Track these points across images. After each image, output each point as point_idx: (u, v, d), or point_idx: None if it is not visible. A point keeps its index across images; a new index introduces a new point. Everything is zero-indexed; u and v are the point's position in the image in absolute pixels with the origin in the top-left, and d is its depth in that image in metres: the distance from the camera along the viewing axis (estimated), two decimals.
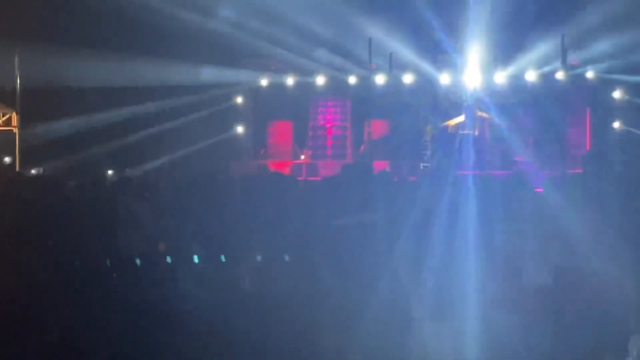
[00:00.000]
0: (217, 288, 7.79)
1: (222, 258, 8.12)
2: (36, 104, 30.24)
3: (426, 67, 32.18)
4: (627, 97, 31.55)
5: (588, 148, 32.04)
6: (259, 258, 8.56)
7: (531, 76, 31.46)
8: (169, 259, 8.57)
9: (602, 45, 30.30)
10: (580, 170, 11.31)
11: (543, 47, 30.94)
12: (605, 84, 31.56)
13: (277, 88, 33.82)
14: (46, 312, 7.38)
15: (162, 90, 32.25)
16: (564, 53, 30.66)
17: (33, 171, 26.64)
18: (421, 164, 31.92)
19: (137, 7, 27.83)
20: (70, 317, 7.36)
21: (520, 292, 8.08)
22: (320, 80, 33.20)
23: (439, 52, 32.18)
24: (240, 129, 34.65)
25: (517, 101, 31.67)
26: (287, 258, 8.42)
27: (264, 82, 33.98)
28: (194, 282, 7.90)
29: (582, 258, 7.80)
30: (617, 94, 31.66)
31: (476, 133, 31.88)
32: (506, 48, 31.89)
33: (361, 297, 7.62)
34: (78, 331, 7.12)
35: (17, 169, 27.63)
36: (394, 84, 32.29)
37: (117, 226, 9.37)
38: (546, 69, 31.44)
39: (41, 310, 7.35)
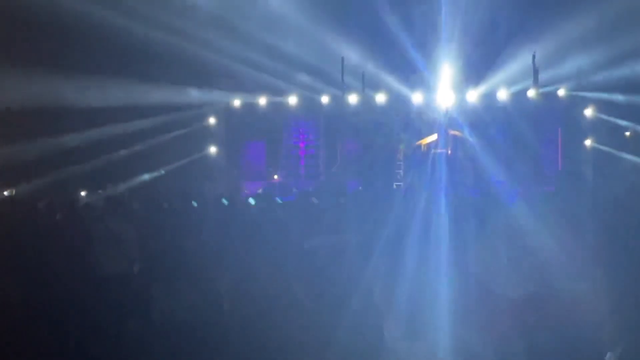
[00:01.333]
0: (193, 306, 7.76)
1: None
2: (7, 125, 30.11)
3: (399, 86, 32.27)
4: (598, 114, 31.71)
5: (560, 166, 32.18)
6: (234, 276, 8.53)
7: (503, 95, 31.60)
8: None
9: (573, 63, 30.49)
10: (553, 188, 11.37)
11: (514, 66, 31.10)
12: (576, 102, 31.72)
13: (250, 108, 33.84)
14: (20, 331, 7.35)
15: (135, 110, 32.18)
16: (535, 72, 30.81)
17: (5, 193, 26.54)
18: (394, 183, 31.97)
19: (108, 29, 27.82)
20: (44, 337, 7.33)
21: (493, 310, 8.08)
22: (292, 100, 33.26)
23: (411, 71, 32.26)
24: (213, 150, 34.61)
25: (489, 120, 31.78)
26: (261, 277, 8.40)
27: (236, 102, 33.99)
28: (170, 300, 7.86)
29: (556, 275, 7.82)
30: (588, 112, 31.81)
31: (449, 152, 31.95)
32: (478, 67, 32.02)
33: (334, 317, 7.61)
34: (52, 351, 7.09)
35: None
36: (367, 103, 32.36)
37: (90, 246, 9.34)
38: (518, 87, 31.59)
39: (15, 329, 7.31)
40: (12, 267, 8.08)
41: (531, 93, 31.29)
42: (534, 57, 30.36)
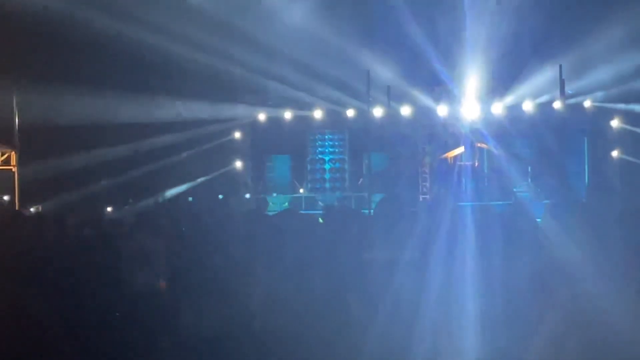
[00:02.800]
0: (222, 325, 7.75)
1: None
2: (35, 142, 30.28)
3: (424, 98, 32.28)
4: (624, 125, 31.57)
5: (587, 178, 32.05)
6: (264, 293, 8.50)
7: (528, 106, 31.54)
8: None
9: (599, 74, 30.37)
10: (582, 200, 11.31)
11: (540, 77, 31.02)
12: (602, 113, 31.60)
13: (275, 122, 33.90)
14: (48, 347, 7.37)
15: (161, 126, 32.30)
16: (561, 83, 30.71)
17: (32, 209, 26.65)
18: (420, 196, 31.96)
19: (134, 45, 27.93)
20: (73, 353, 7.34)
21: (521, 326, 8.03)
22: (317, 114, 33.32)
23: (437, 84, 32.23)
24: (238, 164, 34.68)
25: (515, 131, 31.71)
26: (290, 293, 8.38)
27: (261, 116, 34.06)
28: (198, 317, 7.86)
29: (585, 291, 7.76)
30: (614, 123, 31.68)
31: (475, 164, 31.92)
32: (503, 79, 31.97)
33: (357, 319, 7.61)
34: None
35: (17, 207, 27.61)
36: (392, 116, 32.36)
37: (118, 261, 9.35)
38: (543, 98, 31.52)
39: (43, 350, 7.33)
40: (41, 283, 8.11)
41: (557, 104, 31.19)
42: (560, 68, 30.25)
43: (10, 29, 26.71)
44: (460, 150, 32.07)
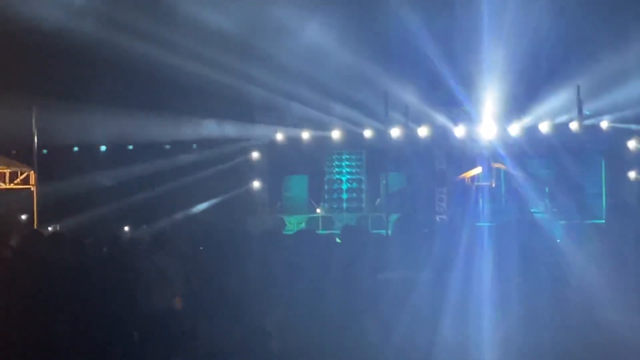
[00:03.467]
0: (238, 345, 7.75)
1: None
2: (53, 161, 30.42)
3: (441, 119, 32.29)
4: None
5: (604, 199, 31.94)
6: (281, 314, 8.50)
7: (545, 127, 31.51)
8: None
9: (617, 95, 30.31)
10: (602, 221, 11.28)
11: (557, 98, 30.99)
12: (620, 134, 31.53)
13: (293, 142, 33.94)
14: None
15: (178, 146, 32.41)
16: (579, 104, 30.63)
17: (50, 228, 26.75)
18: (437, 216, 31.93)
19: (152, 64, 28.04)
20: None
21: (539, 347, 8.00)
22: (335, 134, 33.37)
23: (454, 105, 32.22)
24: (256, 184, 34.71)
25: (532, 152, 31.67)
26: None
27: (279, 136, 34.11)
28: (214, 337, 7.87)
29: (604, 312, 7.72)
30: (632, 144, 31.58)
31: (492, 184, 31.87)
32: (520, 99, 31.93)
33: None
34: None
35: (35, 226, 27.72)
36: (410, 137, 32.36)
37: (136, 281, 9.37)
38: (561, 119, 31.48)
39: None
40: (58, 302, 8.14)
41: (574, 125, 31.13)
42: (578, 89, 30.18)
43: (30, 48, 26.86)
44: (477, 170, 32.01)
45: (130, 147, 31.93)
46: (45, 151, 31.01)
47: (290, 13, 29.27)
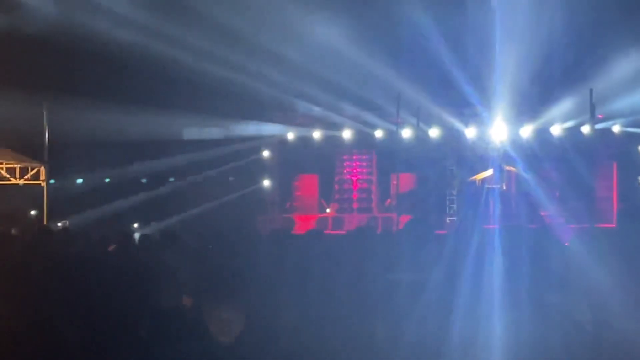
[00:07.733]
0: (247, 344, 7.72)
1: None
2: (64, 157, 30.43)
3: (453, 120, 32.23)
4: None
5: (615, 203, 31.85)
6: (290, 313, 8.47)
7: (557, 130, 31.46)
8: None
9: (630, 99, 30.20)
10: (612, 225, 11.22)
11: (569, 101, 30.89)
12: (632, 138, 31.43)
13: (304, 141, 33.93)
14: None
15: (189, 143, 32.41)
16: (592, 107, 30.50)
17: (59, 224, 26.79)
18: (447, 218, 31.90)
19: (165, 62, 28.06)
20: None
21: (549, 349, 7.96)
22: (346, 134, 33.36)
23: (466, 106, 32.14)
24: (266, 182, 34.71)
25: (543, 155, 31.58)
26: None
27: (290, 135, 34.11)
28: (223, 335, 7.83)
29: (613, 315, 7.69)
30: None
31: (504, 187, 31.79)
32: (532, 102, 31.85)
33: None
34: None
35: (45, 222, 27.75)
36: (421, 138, 32.32)
37: (144, 278, 9.34)
38: (572, 122, 31.39)
39: None
40: (67, 298, 8.12)
41: (585, 129, 31.04)
42: (591, 92, 30.06)
43: (41, 45, 26.87)
44: (488, 172, 31.93)
45: (141, 144, 31.90)
46: (55, 147, 31.03)
47: (303, 12, 29.22)
